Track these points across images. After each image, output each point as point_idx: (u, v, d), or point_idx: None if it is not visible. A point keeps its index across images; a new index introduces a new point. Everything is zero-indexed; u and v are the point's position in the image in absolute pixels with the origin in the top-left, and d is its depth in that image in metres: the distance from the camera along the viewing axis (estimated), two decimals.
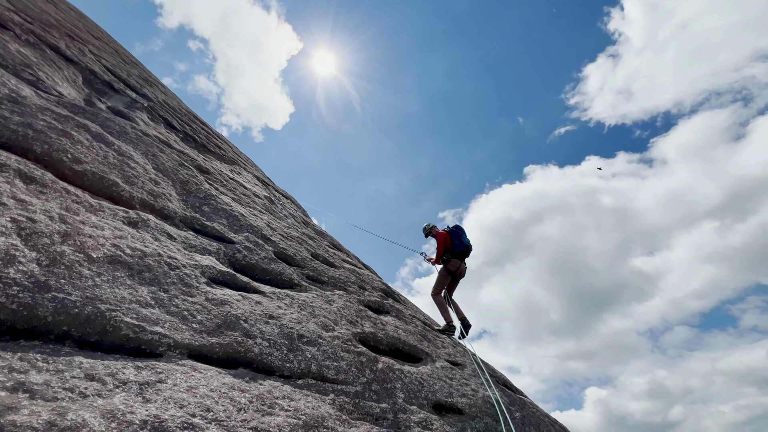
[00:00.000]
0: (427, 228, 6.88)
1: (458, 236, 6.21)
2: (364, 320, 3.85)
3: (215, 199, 4.18)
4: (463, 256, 6.23)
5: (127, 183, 3.18)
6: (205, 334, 2.31)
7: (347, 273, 5.06)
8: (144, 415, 1.57)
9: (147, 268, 2.44)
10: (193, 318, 2.36)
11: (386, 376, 3.13)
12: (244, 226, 4.08)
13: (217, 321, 2.47)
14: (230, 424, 1.81)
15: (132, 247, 2.50)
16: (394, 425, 2.67)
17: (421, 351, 4.08)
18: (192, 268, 2.78)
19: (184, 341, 2.15)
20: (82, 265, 2.09)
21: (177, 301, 2.38)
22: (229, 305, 2.67)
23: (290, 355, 2.64)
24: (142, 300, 2.20)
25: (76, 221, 2.34)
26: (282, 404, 2.17)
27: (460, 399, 3.51)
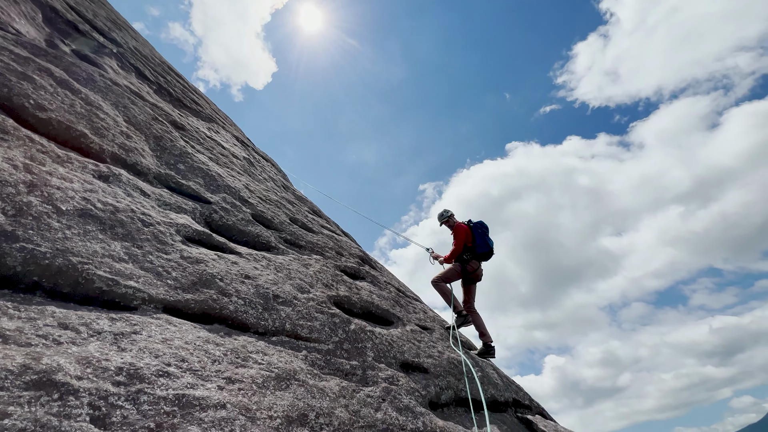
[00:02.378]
0: (444, 215, 5.69)
1: (482, 235, 5.29)
2: (340, 284, 3.97)
3: (191, 157, 4.07)
4: (483, 259, 5.35)
5: (97, 135, 3.05)
6: (180, 290, 2.35)
7: (325, 239, 5.12)
8: (119, 362, 1.63)
9: (120, 224, 2.41)
10: (168, 274, 2.38)
11: (358, 336, 3.30)
12: (221, 187, 4.02)
13: (193, 278, 2.50)
14: (205, 373, 1.90)
15: (103, 202, 2.45)
16: (362, 380, 2.85)
17: (393, 315, 4.27)
18: (167, 226, 2.76)
19: (159, 296, 2.19)
20: (50, 216, 2.05)
21: (151, 258, 2.39)
22: (205, 264, 2.70)
23: (265, 314, 2.73)
24: (116, 255, 2.19)
25: (42, 172, 2.26)
26: (256, 358, 2.27)
27: (427, 359, 3.75)
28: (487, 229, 5.44)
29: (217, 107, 9.45)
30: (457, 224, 5.41)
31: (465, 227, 5.37)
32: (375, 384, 2.88)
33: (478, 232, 5.32)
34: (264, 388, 2.08)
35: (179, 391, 1.69)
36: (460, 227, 5.33)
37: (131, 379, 1.60)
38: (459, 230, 5.32)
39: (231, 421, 1.72)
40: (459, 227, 5.34)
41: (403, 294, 5.37)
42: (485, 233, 5.38)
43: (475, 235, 5.31)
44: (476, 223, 5.44)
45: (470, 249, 5.31)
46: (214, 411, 1.71)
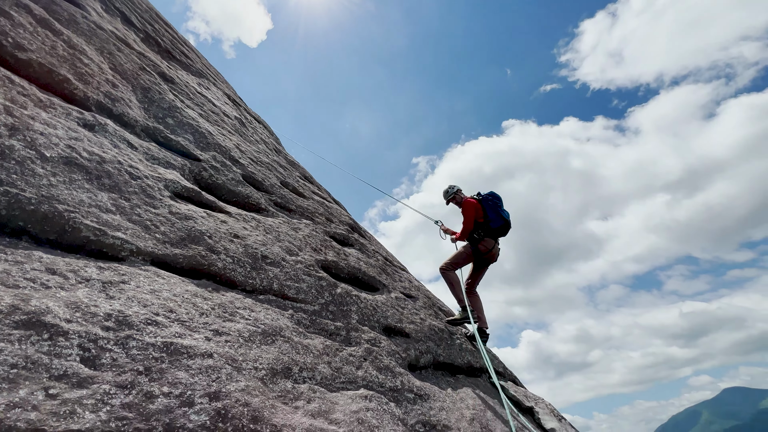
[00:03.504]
0: (450, 191, 5.09)
1: (494, 207, 4.67)
2: (328, 249, 4.02)
3: (180, 112, 3.95)
4: (499, 235, 4.71)
5: (81, 81, 2.92)
6: (168, 244, 2.36)
7: (316, 204, 5.12)
8: (108, 309, 1.66)
9: (106, 175, 2.37)
10: (157, 228, 2.38)
11: (343, 299, 3.39)
12: (211, 145, 3.94)
13: (181, 234, 2.51)
14: (193, 325, 1.95)
15: (89, 151, 2.40)
16: (346, 341, 2.97)
17: (378, 282, 4.38)
18: (155, 180, 2.73)
19: (147, 249, 2.20)
20: (34, 162, 2.00)
21: (139, 211, 2.37)
22: (194, 220, 2.70)
23: (253, 273, 2.78)
24: (102, 205, 2.18)
25: (24, 115, 2.18)
26: (243, 314, 2.34)
27: (409, 325, 3.90)
28: (500, 200, 4.76)
29: (208, 62, 9.05)
30: (465, 199, 4.80)
31: (473, 201, 4.72)
32: (358, 344, 3.01)
33: (489, 205, 4.68)
34: (250, 342, 2.15)
35: (167, 339, 1.74)
36: (468, 202, 4.69)
37: (120, 325, 1.64)
38: (467, 206, 4.66)
39: (218, 370, 1.79)
40: (467, 202, 4.70)
41: (390, 263, 5.47)
42: (498, 205, 4.72)
43: (486, 208, 4.67)
44: (486, 195, 4.77)
45: (483, 225, 4.66)
46: (201, 359, 1.78)
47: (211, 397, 1.64)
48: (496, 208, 4.69)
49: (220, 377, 1.76)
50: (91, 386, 1.35)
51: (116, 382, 1.43)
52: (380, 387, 2.72)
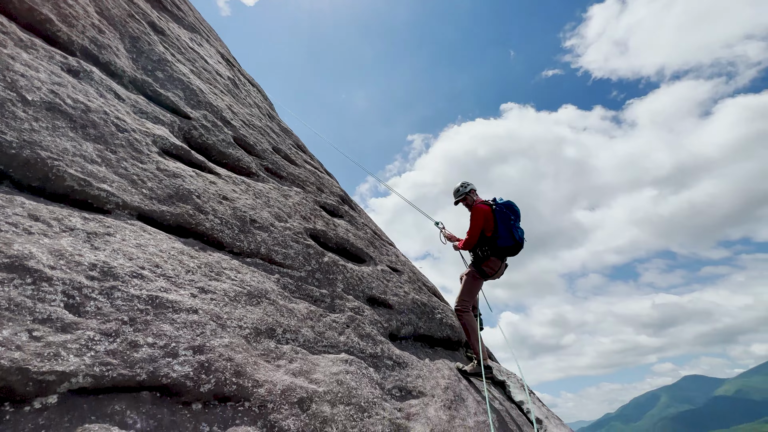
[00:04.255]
0: (462, 190, 4.32)
1: (507, 222, 3.92)
2: (318, 219, 4.03)
3: (171, 66, 3.79)
4: (507, 255, 4.03)
5: (65, 23, 2.76)
6: (155, 200, 2.33)
7: (307, 173, 5.07)
8: (93, 259, 1.66)
9: (92, 125, 2.30)
10: (144, 184, 2.34)
11: (330, 268, 3.44)
12: (202, 103, 3.82)
13: (169, 191, 2.47)
14: (178, 281, 1.97)
15: (74, 99, 2.30)
16: (330, 307, 3.03)
17: (366, 254, 4.43)
18: (143, 135, 2.65)
19: (134, 203, 2.17)
20: (15, 105, 1.92)
21: (126, 165, 2.32)
22: (182, 179, 2.66)
23: (241, 236, 2.78)
24: (87, 156, 2.12)
25: (3, 54, 2.06)
26: (229, 274, 2.36)
27: (392, 297, 3.99)
28: (517, 215, 4.01)
29: (201, 17, 8.60)
30: (476, 204, 4.06)
31: (485, 209, 3.97)
32: (341, 312, 3.08)
33: (502, 218, 3.92)
34: (235, 302, 2.19)
35: (153, 292, 1.76)
36: (479, 209, 3.97)
37: (105, 276, 1.64)
38: (477, 213, 3.96)
39: (202, 325, 1.82)
40: (478, 209, 3.97)
41: (378, 237, 5.52)
42: (513, 220, 3.96)
43: (498, 221, 3.92)
44: (501, 205, 4.00)
45: (489, 241, 3.94)
46: (186, 314, 1.80)
47: (195, 350, 1.67)
48: (509, 224, 3.93)
49: (205, 332, 1.80)
50: (76, 332, 1.37)
51: (101, 330, 1.44)
52: (361, 353, 2.81)
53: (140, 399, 1.42)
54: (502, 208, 4.00)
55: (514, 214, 4.03)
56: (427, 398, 2.89)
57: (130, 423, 1.32)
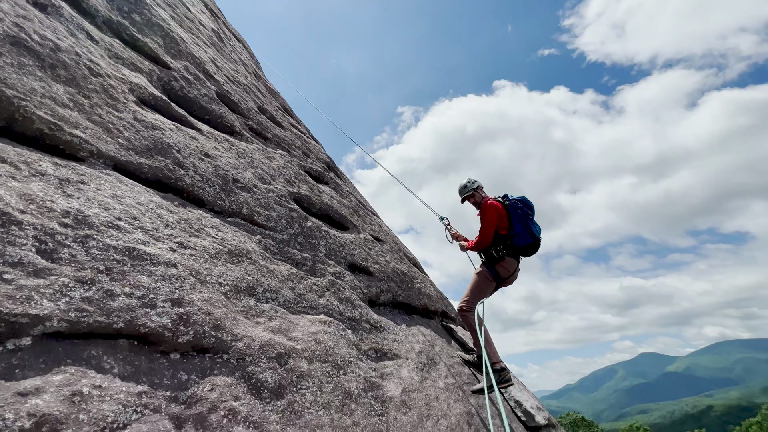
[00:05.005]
0: (469, 186, 4.02)
1: (524, 219, 3.69)
2: (302, 183, 3.98)
3: (149, 9, 3.53)
4: (525, 254, 3.79)
5: None
6: (132, 152, 2.24)
7: (293, 137, 4.95)
8: (66, 206, 1.60)
9: (62, 65, 2.15)
10: (120, 133, 2.24)
11: (313, 233, 3.44)
12: (183, 53, 3.61)
13: (147, 143, 2.38)
14: (157, 234, 1.93)
15: (41, 35, 2.13)
16: (311, 271, 3.07)
17: (349, 222, 4.44)
18: (119, 82, 2.51)
19: (109, 153, 2.08)
20: None
21: (100, 111, 2.20)
22: (161, 132, 2.55)
23: (223, 194, 2.73)
24: (58, 98, 1.99)
25: None
26: (210, 231, 2.33)
27: (374, 265, 4.06)
28: (532, 210, 3.76)
29: None
30: (486, 201, 3.78)
31: (498, 205, 3.73)
32: (322, 276, 3.12)
33: (518, 214, 3.68)
34: (216, 259, 2.18)
35: (129, 244, 1.73)
36: (490, 206, 3.70)
37: (79, 224, 1.60)
38: (489, 210, 3.68)
39: (181, 279, 1.82)
40: (489, 206, 3.70)
41: (362, 206, 5.52)
42: (530, 216, 3.73)
43: (513, 217, 3.68)
44: (515, 201, 3.76)
45: (504, 239, 3.68)
46: (164, 267, 1.79)
47: (173, 302, 1.68)
48: (527, 220, 3.69)
49: (184, 286, 1.79)
50: (49, 277, 1.34)
51: (75, 277, 1.42)
52: (339, 315, 2.88)
53: (117, 346, 1.42)
54: (517, 203, 3.75)
55: (530, 209, 3.76)
56: (402, 360, 3.02)
57: (107, 368, 1.33)
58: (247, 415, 1.58)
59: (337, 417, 1.97)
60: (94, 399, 1.20)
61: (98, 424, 1.16)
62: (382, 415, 2.28)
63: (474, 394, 3.36)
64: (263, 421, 1.61)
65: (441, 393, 2.98)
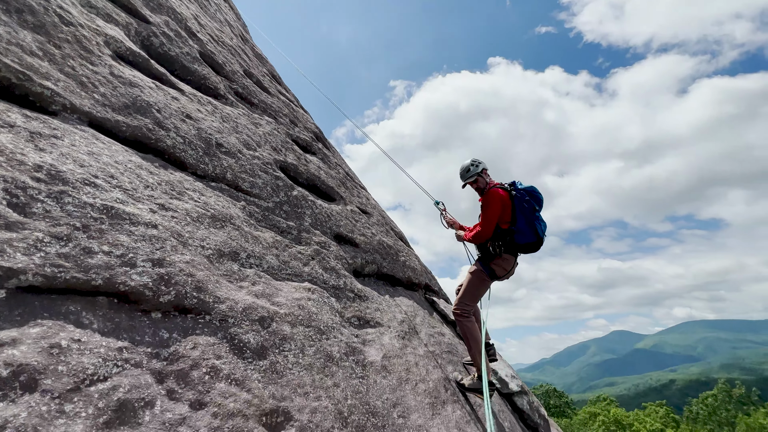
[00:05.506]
0: (473, 170, 3.52)
1: (530, 214, 3.28)
2: (289, 152, 3.90)
3: None
4: (525, 252, 3.42)
5: None
6: (109, 108, 2.15)
7: (281, 104, 4.81)
8: (38, 160, 1.54)
9: (29, 10, 2.00)
10: (95, 88, 2.13)
11: (299, 202, 3.41)
12: (164, 7, 3.41)
13: (125, 101, 2.27)
14: (136, 195, 1.89)
15: None
16: (296, 239, 3.06)
17: (336, 193, 4.42)
18: (93, 33, 2.36)
19: (84, 108, 1.99)
20: None
21: (73, 63, 2.08)
22: (140, 89, 2.44)
23: (206, 158, 2.66)
24: (26, 46, 1.87)
25: None
26: (192, 195, 2.29)
27: (359, 236, 4.08)
28: (540, 203, 3.36)
29: None
30: (491, 189, 3.33)
31: (503, 194, 3.29)
32: (308, 245, 3.12)
33: (524, 207, 3.27)
34: (198, 223, 2.15)
35: (108, 203, 1.68)
36: (495, 194, 3.26)
37: (53, 179, 1.54)
38: (493, 199, 3.25)
39: (162, 240, 1.79)
40: (494, 194, 3.26)
41: (350, 178, 5.48)
42: (536, 211, 3.32)
43: (518, 210, 3.27)
44: (522, 191, 3.33)
45: (504, 235, 3.29)
46: (144, 228, 1.76)
47: (154, 262, 1.66)
48: (533, 216, 3.27)
49: (165, 248, 1.78)
50: (22, 231, 1.31)
51: (50, 233, 1.39)
52: (324, 284, 2.91)
53: (96, 303, 1.42)
54: (524, 195, 3.29)
55: (538, 203, 3.34)
56: (384, 328, 3.10)
57: (86, 323, 1.32)
58: (230, 373, 1.61)
59: (318, 378, 2.03)
60: (73, 352, 1.20)
61: (78, 375, 1.17)
62: (363, 378, 2.36)
63: (452, 363, 3.51)
64: (245, 379, 1.65)
65: (420, 360, 3.10)
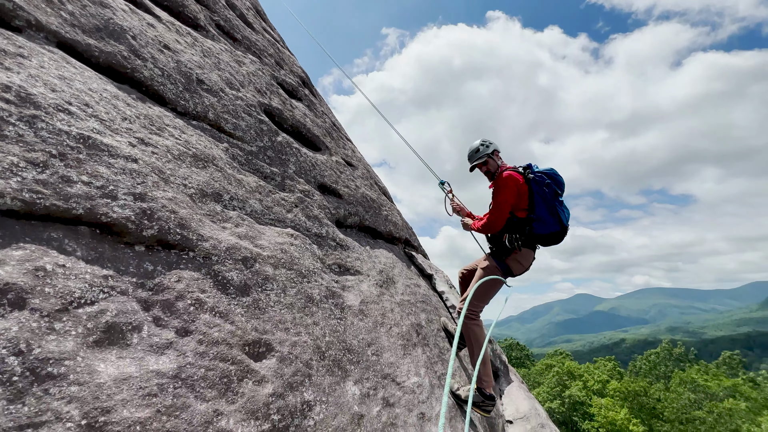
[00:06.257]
0: (483, 150, 3.14)
1: (552, 197, 2.84)
2: (274, 95, 3.75)
3: None
4: (546, 244, 2.99)
5: None
6: (79, 30, 1.98)
7: (266, 43, 4.52)
8: (5, 80, 1.45)
9: None
10: (62, 5, 1.95)
11: (283, 149, 3.35)
12: None
13: (96, 23, 2.10)
14: (114, 126, 1.82)
15: None
16: (280, 186, 3.06)
17: (322, 143, 4.34)
18: None
19: (50, 26, 1.83)
20: None
21: None
22: (113, 11, 2.24)
23: (186, 94, 2.54)
24: None
25: None
26: (173, 132, 2.21)
27: (344, 188, 4.09)
28: (561, 188, 2.90)
29: None
30: (505, 172, 2.92)
31: (517, 178, 2.86)
32: (291, 192, 3.13)
33: (543, 192, 2.82)
34: (180, 161, 2.11)
35: (84, 132, 1.62)
36: (508, 179, 2.84)
37: (23, 102, 1.46)
38: (507, 183, 2.83)
39: (143, 175, 1.77)
40: (508, 178, 2.84)
41: (337, 129, 5.36)
42: (558, 196, 2.87)
43: (536, 196, 2.83)
44: (540, 175, 2.88)
45: (521, 225, 2.87)
46: (124, 161, 1.72)
47: (135, 197, 1.65)
48: (554, 202, 2.82)
49: (146, 183, 1.75)
50: None
51: (26, 158, 1.35)
52: (306, 231, 2.97)
53: (78, 232, 1.42)
54: (543, 179, 2.84)
55: (560, 186, 2.90)
56: (363, 276, 3.23)
57: (70, 250, 1.34)
58: (214, 306, 1.68)
59: (299, 316, 2.15)
60: (58, 276, 1.23)
61: (65, 297, 1.20)
62: (341, 319, 2.51)
63: (425, 312, 3.74)
64: (229, 313, 1.74)
65: (396, 306, 3.29)
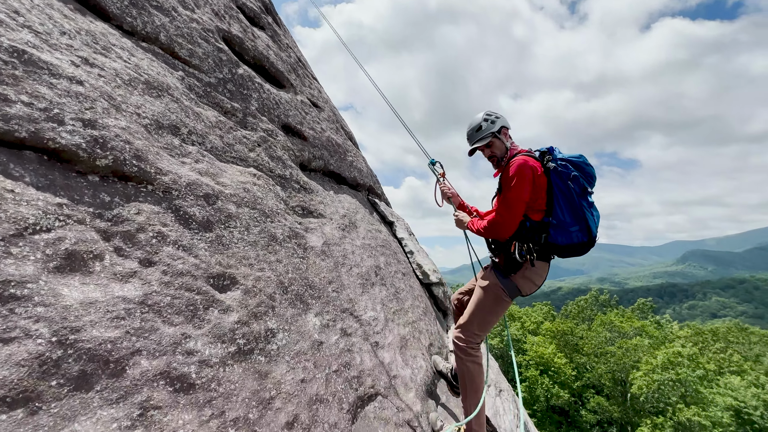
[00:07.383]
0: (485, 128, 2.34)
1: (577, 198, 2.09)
2: (234, 21, 3.44)
3: None
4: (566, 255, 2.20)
5: None
6: None
7: None
8: None
9: None
10: None
11: (245, 83, 3.17)
12: None
13: None
14: (52, 41, 1.64)
15: None
16: (242, 123, 2.94)
17: (287, 80, 4.12)
18: None
19: None
20: None
21: None
22: None
23: (133, 10, 2.28)
24: None
25: None
26: (120, 53, 2.02)
27: (309, 130, 4.00)
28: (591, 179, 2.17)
29: None
30: (516, 157, 2.19)
31: (535, 166, 2.15)
32: (254, 130, 3.02)
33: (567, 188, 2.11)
34: (131, 87, 1.96)
35: (18, 45, 1.45)
36: (521, 167, 2.12)
37: None
38: (520, 174, 2.10)
39: (92, 100, 1.65)
40: (520, 167, 2.12)
41: (302, 66, 5.06)
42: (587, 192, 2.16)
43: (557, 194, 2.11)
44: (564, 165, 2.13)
45: (536, 230, 2.18)
46: (68, 83, 1.58)
47: (85, 123, 1.56)
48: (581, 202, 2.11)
49: (95, 108, 1.64)
50: None
51: None
52: (270, 172, 2.94)
53: (24, 157, 1.34)
54: (568, 170, 2.12)
55: (589, 180, 2.17)
56: (326, 220, 3.32)
57: (17, 175, 1.28)
58: (176, 240, 1.71)
59: (262, 253, 2.22)
60: (8, 201, 1.19)
61: (18, 223, 1.18)
62: (303, 258, 2.62)
63: (384, 255, 3.97)
64: (192, 247, 1.77)
65: (357, 249, 3.45)
